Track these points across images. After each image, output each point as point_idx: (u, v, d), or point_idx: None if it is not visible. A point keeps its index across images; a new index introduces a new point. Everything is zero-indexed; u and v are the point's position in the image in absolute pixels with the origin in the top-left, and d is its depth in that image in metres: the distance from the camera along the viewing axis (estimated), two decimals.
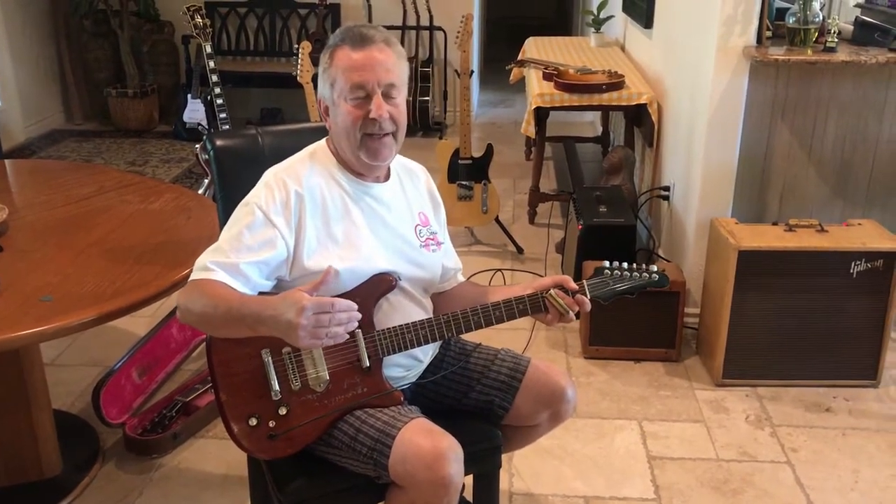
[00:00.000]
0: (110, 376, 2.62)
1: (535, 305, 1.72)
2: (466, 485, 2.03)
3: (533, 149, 4.69)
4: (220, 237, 1.65)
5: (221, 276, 1.57)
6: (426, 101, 5.98)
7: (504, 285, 3.50)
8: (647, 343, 3.03)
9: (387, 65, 1.64)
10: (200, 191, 3.62)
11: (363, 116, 1.64)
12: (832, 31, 2.82)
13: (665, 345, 3.02)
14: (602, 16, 5.00)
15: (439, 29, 6.10)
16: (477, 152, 3.90)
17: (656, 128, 3.81)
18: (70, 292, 1.97)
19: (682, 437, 2.63)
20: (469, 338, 1.86)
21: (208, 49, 3.21)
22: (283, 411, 1.64)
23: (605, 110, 4.98)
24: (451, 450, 1.54)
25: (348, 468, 1.66)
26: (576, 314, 1.73)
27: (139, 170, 5.28)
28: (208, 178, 3.60)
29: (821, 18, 2.89)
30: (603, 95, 3.86)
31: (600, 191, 3.54)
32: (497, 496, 1.91)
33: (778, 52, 2.82)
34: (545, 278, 1.75)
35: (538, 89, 3.94)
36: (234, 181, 1.87)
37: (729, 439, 2.62)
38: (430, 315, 1.80)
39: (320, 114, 1.75)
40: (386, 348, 1.68)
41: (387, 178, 1.79)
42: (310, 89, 3.53)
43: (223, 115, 3.26)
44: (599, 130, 5.44)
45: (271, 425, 1.63)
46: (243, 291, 1.59)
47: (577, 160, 4.94)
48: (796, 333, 2.82)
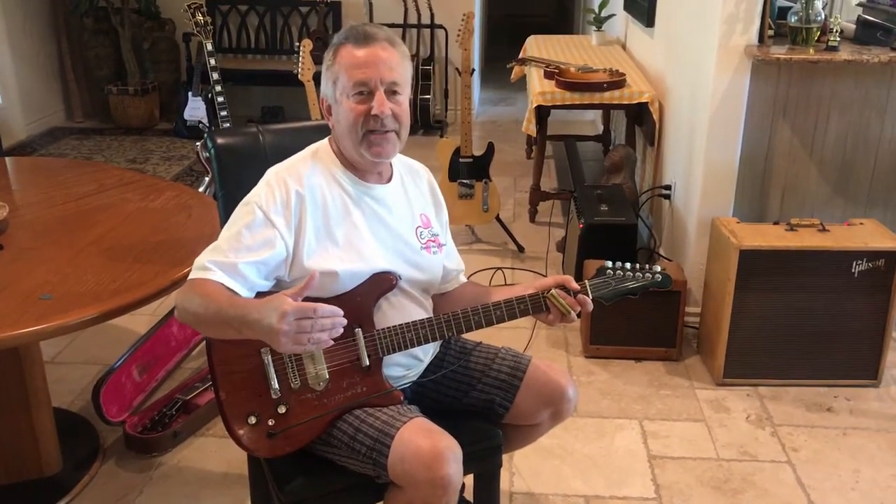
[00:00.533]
0: (110, 374, 2.61)
1: (536, 305, 1.71)
2: (467, 484, 2.03)
3: (534, 147, 4.69)
4: (219, 236, 1.64)
5: (219, 276, 1.57)
6: (427, 100, 5.97)
7: (505, 285, 3.51)
8: (647, 342, 3.02)
9: (390, 63, 1.64)
10: (201, 189, 3.62)
11: (365, 113, 1.63)
12: (834, 30, 2.81)
13: (666, 344, 3.02)
14: (603, 14, 5.00)
15: (440, 27, 6.09)
16: (478, 151, 3.90)
17: (657, 126, 3.81)
18: (70, 290, 1.97)
19: (683, 436, 2.63)
20: (469, 336, 1.85)
21: (209, 47, 3.21)
22: (282, 410, 1.63)
23: (607, 109, 4.97)
24: (449, 450, 1.54)
25: (348, 467, 1.66)
26: (577, 314, 1.73)
27: (140, 167, 5.27)
28: (209, 176, 3.59)
29: (823, 17, 2.88)
30: (604, 94, 3.86)
31: (601, 189, 3.54)
32: (497, 495, 1.91)
33: (780, 51, 2.82)
34: (547, 278, 1.75)
35: (539, 88, 3.93)
36: (235, 179, 1.87)
37: (729, 439, 2.62)
38: (430, 315, 1.80)
39: (322, 113, 1.74)
40: (386, 348, 1.68)
41: (389, 178, 1.78)
42: (311, 87, 3.52)
43: (224, 113, 3.26)
44: (600, 129, 5.44)
45: (270, 424, 1.63)
46: (241, 292, 1.58)
47: (578, 159, 4.93)
48: (797, 333, 2.82)
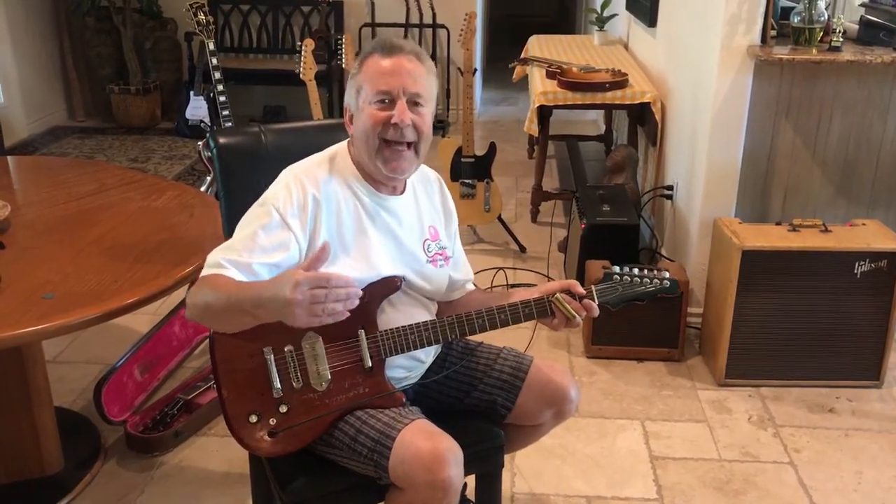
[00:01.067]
0: (112, 374, 2.61)
1: (541, 310, 1.71)
2: (468, 485, 2.03)
3: (536, 147, 4.68)
4: (234, 235, 1.63)
5: (232, 272, 1.56)
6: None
7: (507, 286, 3.51)
8: (649, 342, 3.02)
9: (414, 74, 1.63)
10: (203, 188, 3.62)
11: (385, 120, 1.62)
12: (837, 31, 2.81)
13: (668, 344, 3.02)
14: (605, 14, 4.99)
15: (442, 27, 6.09)
16: (480, 150, 3.90)
17: (660, 127, 3.80)
18: (72, 290, 1.97)
19: (685, 437, 2.62)
20: (471, 337, 1.85)
21: (211, 46, 3.20)
22: (283, 409, 1.63)
23: (609, 109, 4.97)
24: (450, 452, 1.54)
25: (349, 468, 1.66)
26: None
27: (141, 167, 5.27)
28: (210, 175, 3.59)
29: (826, 18, 2.88)
30: (606, 94, 3.85)
31: (603, 190, 3.53)
32: (499, 496, 1.91)
33: (782, 52, 2.81)
34: (552, 282, 1.74)
35: (541, 87, 3.93)
36: (237, 179, 1.87)
37: (731, 439, 2.61)
38: (433, 317, 1.80)
39: (345, 122, 1.73)
40: (389, 349, 1.67)
41: (402, 190, 1.77)
42: (313, 87, 3.52)
43: (226, 113, 3.26)
44: (602, 129, 5.43)
45: (272, 423, 1.63)
46: None
47: (580, 159, 4.93)
48: (799, 333, 2.81)
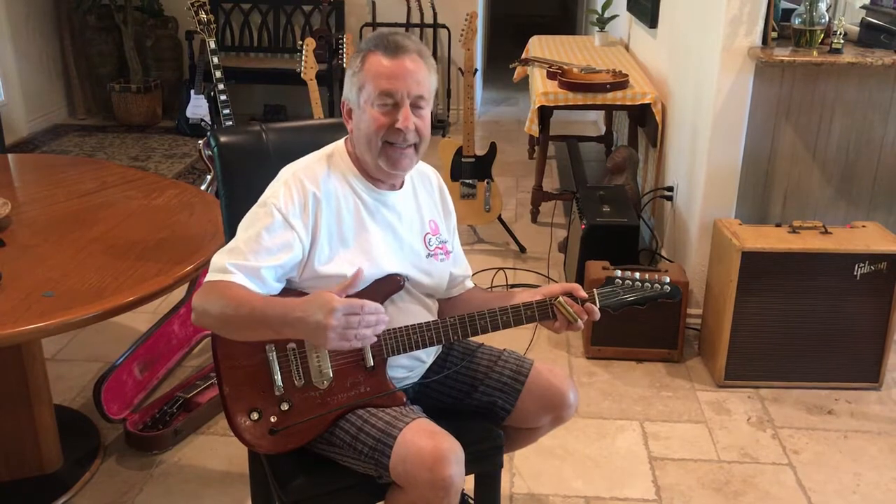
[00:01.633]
0: (112, 372, 2.61)
1: (543, 312, 1.71)
2: (467, 484, 2.03)
3: (536, 147, 4.69)
4: (236, 237, 1.62)
5: (240, 278, 1.56)
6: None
7: (507, 286, 3.51)
8: (649, 343, 3.02)
9: (418, 76, 1.63)
10: (203, 187, 3.62)
11: (389, 125, 1.62)
12: (838, 33, 2.81)
13: (667, 345, 3.02)
14: (606, 15, 5.00)
15: (443, 27, 6.09)
16: (480, 150, 3.90)
17: (660, 128, 3.81)
18: (72, 288, 1.97)
19: (684, 437, 2.63)
20: (472, 338, 1.85)
21: (212, 45, 3.20)
22: (285, 407, 1.64)
23: (609, 110, 4.97)
24: (451, 451, 1.54)
25: (350, 467, 1.66)
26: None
27: (142, 165, 5.28)
28: (211, 174, 3.59)
29: (827, 20, 2.88)
30: (607, 95, 3.85)
31: (603, 190, 3.54)
32: (498, 496, 1.91)
33: (783, 53, 2.81)
34: (554, 285, 1.74)
35: (542, 88, 3.93)
36: (238, 178, 1.87)
37: (730, 441, 2.62)
38: (434, 317, 1.80)
39: (343, 115, 1.73)
40: (391, 349, 1.68)
41: (401, 185, 1.77)
42: (313, 86, 3.52)
43: (226, 112, 3.25)
44: (603, 130, 5.43)
45: (273, 420, 1.63)
46: (259, 293, 1.58)
47: (581, 159, 4.92)
48: (799, 335, 2.81)
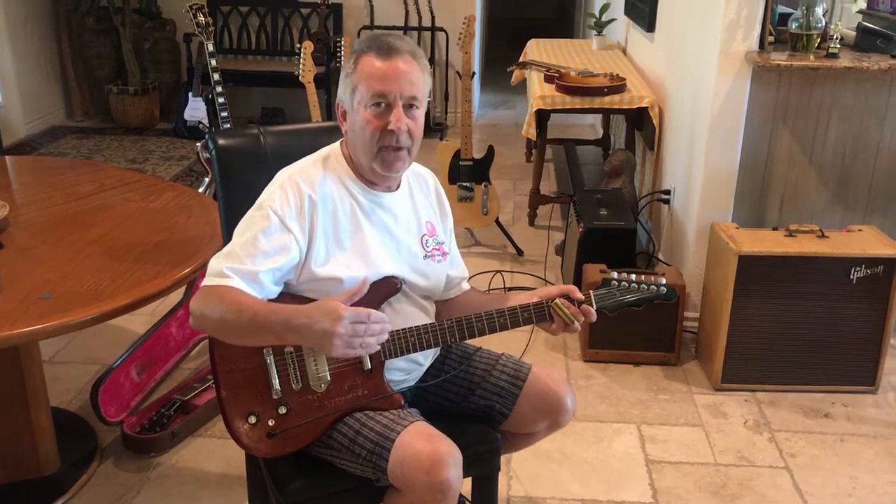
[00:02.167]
0: (109, 374, 2.61)
1: (540, 314, 1.72)
2: (465, 487, 2.03)
3: (534, 151, 4.69)
4: (233, 241, 1.62)
5: (238, 282, 1.56)
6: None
7: (505, 289, 3.52)
8: (646, 347, 3.03)
9: (411, 77, 1.63)
10: (201, 189, 3.62)
11: (382, 127, 1.62)
12: (834, 37, 2.82)
13: (664, 349, 3.03)
14: (604, 19, 5.01)
15: (441, 30, 6.10)
16: (478, 154, 3.91)
17: (657, 131, 3.81)
18: (70, 290, 1.97)
19: (681, 441, 2.63)
20: (469, 341, 1.85)
21: (210, 47, 3.21)
22: (282, 410, 1.64)
23: (607, 113, 4.98)
24: (449, 455, 1.54)
25: (347, 470, 1.66)
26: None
27: (139, 167, 5.27)
28: (209, 176, 3.59)
29: (823, 24, 2.89)
30: (604, 98, 3.86)
31: (601, 194, 3.54)
32: (496, 499, 1.91)
33: (780, 58, 2.82)
34: (551, 287, 1.75)
35: (539, 91, 3.94)
36: (236, 180, 1.87)
37: (727, 444, 2.62)
38: (432, 319, 1.80)
39: (336, 117, 1.73)
40: (389, 351, 1.68)
41: (397, 186, 1.78)
42: (311, 89, 3.53)
43: (224, 114, 3.26)
44: (600, 133, 5.45)
45: (270, 424, 1.63)
46: (257, 297, 1.58)
47: (578, 163, 4.93)
48: (796, 339, 2.82)
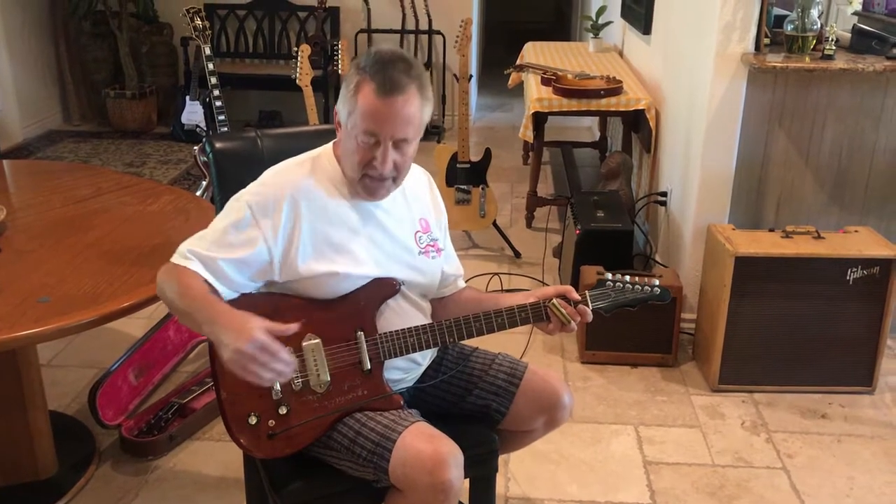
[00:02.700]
0: (107, 378, 2.61)
1: (537, 314, 1.73)
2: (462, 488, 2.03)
3: (531, 153, 4.70)
4: (211, 224, 1.67)
5: (196, 266, 1.61)
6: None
7: (503, 291, 3.52)
8: (643, 348, 3.03)
9: (407, 117, 1.60)
10: (198, 193, 3.62)
11: (369, 160, 1.62)
12: (830, 39, 2.83)
13: (662, 350, 3.03)
14: (601, 21, 5.01)
15: (438, 33, 6.10)
16: (475, 156, 3.91)
17: (654, 133, 3.82)
18: (67, 293, 1.97)
19: (678, 442, 2.63)
20: (467, 342, 1.86)
21: (207, 51, 3.21)
22: (283, 411, 1.64)
23: (603, 115, 4.98)
24: (451, 455, 1.55)
25: (347, 471, 1.66)
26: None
27: (137, 171, 5.27)
28: (206, 179, 3.60)
29: (819, 26, 2.90)
30: (601, 101, 3.87)
31: (598, 196, 3.55)
32: (493, 500, 1.91)
33: (776, 60, 2.83)
34: (548, 287, 1.76)
35: (536, 94, 3.94)
36: (234, 183, 1.86)
37: (725, 445, 2.63)
38: (428, 319, 1.81)
39: (333, 122, 1.73)
40: (387, 352, 1.69)
41: None
42: (309, 92, 3.53)
43: (222, 118, 3.26)
44: (597, 135, 5.45)
45: (271, 424, 1.64)
46: (219, 287, 1.61)
47: (575, 165, 4.95)
48: (792, 340, 2.83)
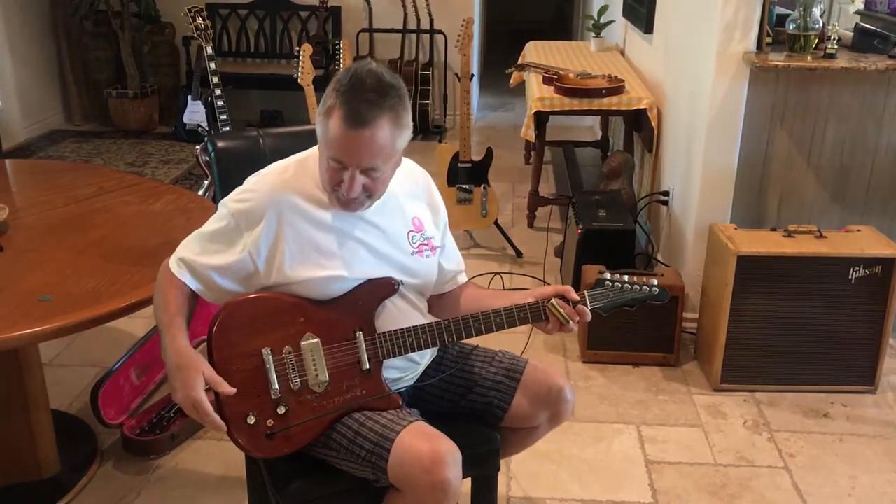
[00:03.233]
0: (109, 377, 2.61)
1: (535, 314, 1.73)
2: (463, 488, 2.03)
3: (532, 153, 4.70)
4: (202, 228, 1.72)
5: (186, 277, 1.68)
6: (426, 105, 5.99)
7: (503, 290, 3.52)
8: (645, 347, 3.03)
9: (374, 149, 1.55)
10: (200, 192, 3.62)
11: (338, 182, 1.60)
12: (832, 38, 2.83)
13: (663, 349, 3.03)
14: (602, 20, 5.01)
15: (439, 32, 6.10)
16: (477, 156, 3.91)
17: (656, 133, 3.82)
18: (69, 292, 1.97)
19: (680, 441, 2.63)
20: (467, 340, 1.85)
21: (209, 50, 3.22)
22: (281, 410, 1.64)
23: (605, 115, 4.99)
24: (449, 454, 1.55)
25: (346, 470, 1.66)
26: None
27: (138, 171, 5.28)
28: (208, 179, 3.60)
29: (821, 25, 2.90)
30: (603, 100, 3.86)
31: (599, 195, 3.55)
32: (495, 500, 1.92)
33: (778, 59, 2.83)
34: (547, 287, 1.76)
35: (538, 93, 3.94)
36: (236, 183, 1.86)
37: (726, 444, 2.62)
38: (426, 318, 1.81)
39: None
40: (386, 351, 1.69)
41: None
42: (310, 91, 3.53)
43: (223, 117, 3.27)
44: (599, 135, 5.45)
45: (269, 424, 1.64)
46: (207, 296, 1.69)
47: (577, 164, 4.94)
48: (794, 339, 2.82)
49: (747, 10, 2.82)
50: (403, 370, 1.78)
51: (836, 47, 2.83)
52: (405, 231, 1.78)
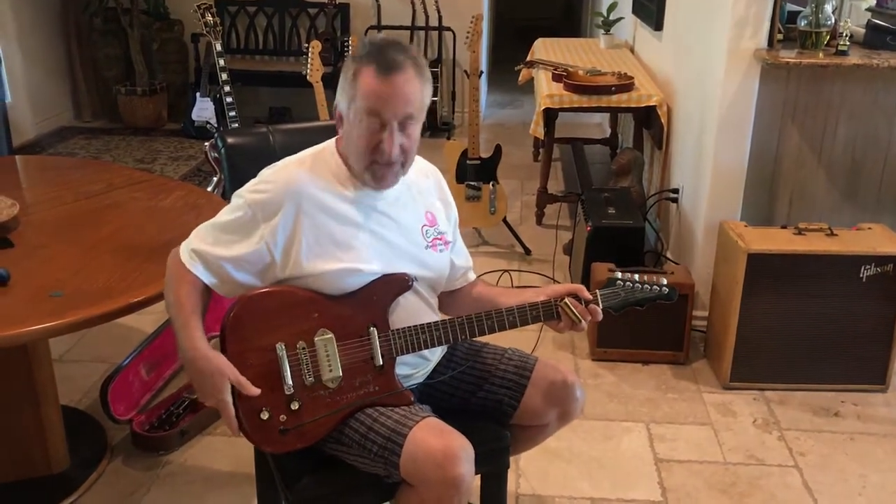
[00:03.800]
0: (118, 373, 2.62)
1: (548, 313, 1.73)
2: (472, 485, 2.03)
3: (541, 150, 4.69)
4: (215, 218, 1.70)
5: (199, 270, 1.66)
6: (434, 102, 5.99)
7: (513, 287, 3.51)
8: (654, 345, 3.02)
9: (409, 95, 1.60)
10: (209, 188, 3.63)
11: (375, 144, 1.62)
12: (844, 35, 2.81)
13: (673, 347, 3.02)
14: (612, 17, 5.00)
15: (448, 29, 6.10)
16: (485, 153, 3.90)
17: (665, 130, 3.81)
18: (80, 288, 1.98)
19: (690, 439, 2.63)
20: (478, 338, 1.85)
21: (218, 47, 3.21)
22: (294, 406, 1.64)
23: (614, 112, 4.97)
24: (462, 450, 1.55)
25: (357, 466, 1.66)
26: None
27: (147, 167, 5.29)
28: (217, 176, 3.60)
29: (832, 21, 2.88)
30: (612, 97, 3.86)
31: (609, 192, 3.54)
32: (505, 497, 1.91)
33: (789, 55, 2.81)
34: (559, 286, 1.76)
35: (547, 90, 3.93)
36: (245, 179, 1.86)
37: (736, 442, 2.61)
38: (437, 314, 1.81)
39: (334, 118, 1.73)
40: (399, 348, 1.69)
41: None
42: (319, 88, 3.53)
43: (232, 114, 3.27)
44: (608, 132, 5.44)
45: (282, 419, 1.64)
46: (219, 288, 1.67)
47: (586, 162, 4.93)
48: (805, 337, 2.81)
49: (758, 7, 2.81)
50: (415, 367, 1.78)
51: (847, 44, 2.82)
52: (419, 225, 1.78)
